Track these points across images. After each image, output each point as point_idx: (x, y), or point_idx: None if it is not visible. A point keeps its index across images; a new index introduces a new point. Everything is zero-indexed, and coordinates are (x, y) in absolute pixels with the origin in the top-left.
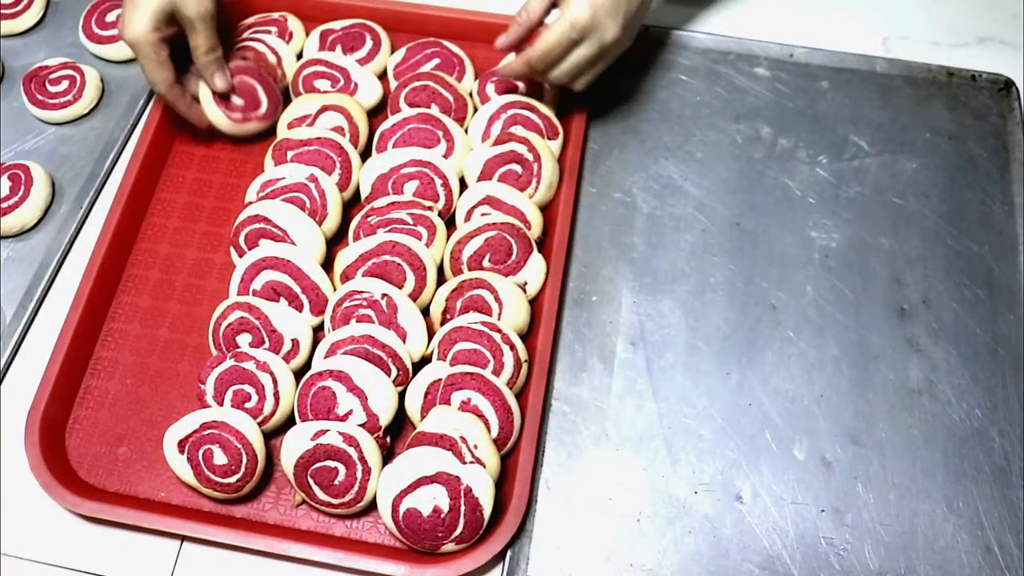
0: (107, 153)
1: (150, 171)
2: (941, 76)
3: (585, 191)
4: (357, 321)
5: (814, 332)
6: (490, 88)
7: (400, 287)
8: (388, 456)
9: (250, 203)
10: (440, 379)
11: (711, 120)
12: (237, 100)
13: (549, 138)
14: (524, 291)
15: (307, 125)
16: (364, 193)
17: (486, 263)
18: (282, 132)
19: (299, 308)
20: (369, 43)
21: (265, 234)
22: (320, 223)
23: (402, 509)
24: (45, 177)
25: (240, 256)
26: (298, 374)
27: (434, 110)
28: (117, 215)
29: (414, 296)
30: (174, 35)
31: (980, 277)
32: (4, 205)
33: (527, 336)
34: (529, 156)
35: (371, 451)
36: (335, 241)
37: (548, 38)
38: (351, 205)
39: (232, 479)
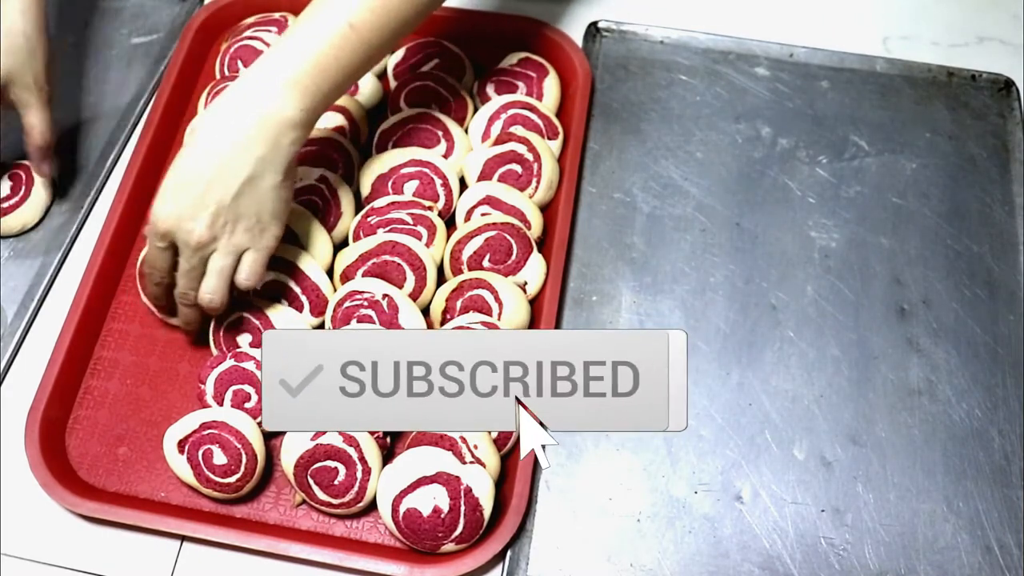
0: (107, 153)
1: (150, 171)
2: (941, 76)
3: (585, 191)
4: (358, 321)
5: (814, 332)
6: (490, 88)
7: (400, 287)
8: (388, 456)
9: None
10: None
11: (711, 120)
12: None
13: (549, 138)
14: (524, 291)
15: None
16: (364, 193)
17: (486, 263)
18: None
19: (299, 309)
20: None
21: None
22: (336, 223)
23: (402, 509)
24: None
25: None
26: None
27: (434, 110)
28: (117, 215)
29: (414, 296)
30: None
31: (980, 277)
32: (5, 205)
33: None
34: (529, 156)
35: (371, 451)
36: (342, 245)
37: (144, 255)
38: None
39: (232, 479)
